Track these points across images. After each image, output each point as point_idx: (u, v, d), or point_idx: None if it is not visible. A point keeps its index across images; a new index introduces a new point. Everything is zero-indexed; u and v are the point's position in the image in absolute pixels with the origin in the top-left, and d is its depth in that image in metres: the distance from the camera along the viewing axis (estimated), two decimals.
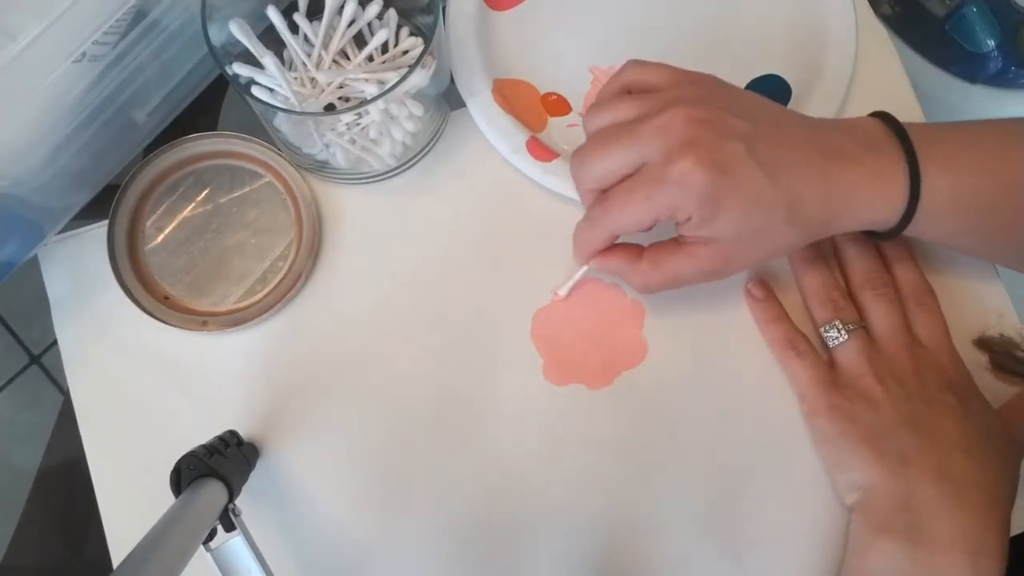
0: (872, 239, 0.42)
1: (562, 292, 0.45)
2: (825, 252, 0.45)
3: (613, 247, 0.41)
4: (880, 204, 0.37)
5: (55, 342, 0.45)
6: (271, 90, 0.41)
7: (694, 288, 0.45)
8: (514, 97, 0.47)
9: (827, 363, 0.43)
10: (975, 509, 0.38)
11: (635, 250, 0.40)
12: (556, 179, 0.45)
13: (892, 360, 0.41)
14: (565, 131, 0.48)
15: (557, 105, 0.48)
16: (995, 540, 0.37)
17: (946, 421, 0.39)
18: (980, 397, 0.41)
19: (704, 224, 0.36)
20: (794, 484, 0.43)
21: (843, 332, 0.42)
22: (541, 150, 0.45)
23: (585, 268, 0.43)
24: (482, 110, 0.46)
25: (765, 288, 0.45)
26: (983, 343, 0.39)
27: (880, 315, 0.42)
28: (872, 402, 0.40)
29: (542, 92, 0.48)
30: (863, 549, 0.39)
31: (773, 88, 0.48)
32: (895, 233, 0.39)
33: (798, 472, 0.43)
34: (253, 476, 0.42)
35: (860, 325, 0.42)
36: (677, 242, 0.39)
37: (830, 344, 0.42)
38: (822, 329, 0.43)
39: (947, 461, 0.38)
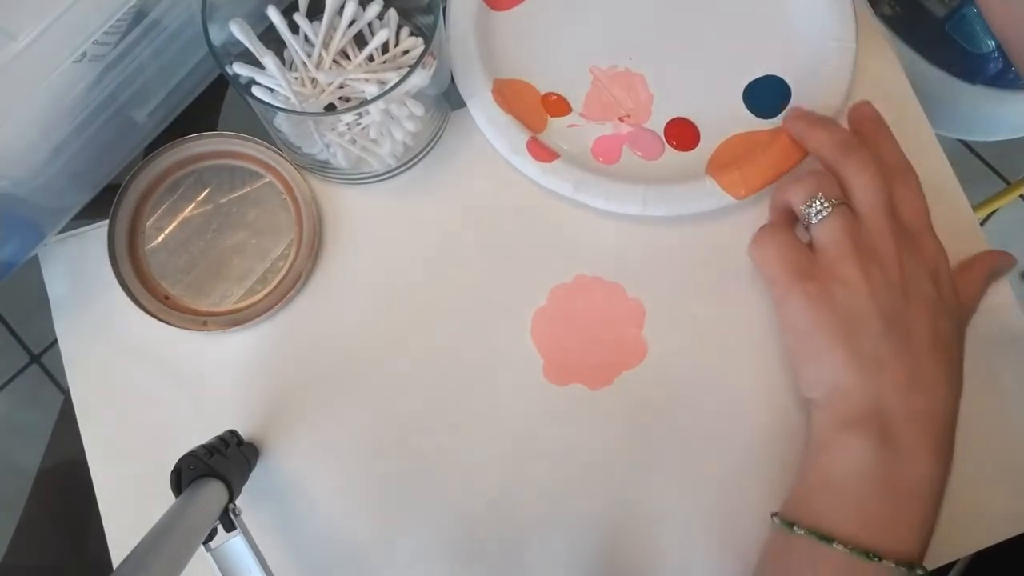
0: None
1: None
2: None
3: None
4: None
5: (55, 342, 0.45)
6: (271, 90, 0.41)
7: (694, 288, 0.45)
8: (514, 97, 0.47)
9: (806, 245, 0.41)
10: (939, 414, 0.38)
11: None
12: (556, 179, 0.45)
13: (877, 243, 0.39)
14: (565, 131, 0.48)
15: (557, 105, 0.48)
16: (950, 440, 0.38)
17: (921, 318, 0.39)
18: (952, 282, 0.41)
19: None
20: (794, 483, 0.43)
21: (826, 205, 0.40)
22: (541, 150, 0.46)
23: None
24: (482, 110, 0.46)
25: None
26: None
27: (864, 190, 0.40)
28: (851, 288, 0.39)
29: (542, 92, 0.48)
30: (828, 444, 0.38)
31: (773, 88, 0.48)
32: None
33: (797, 471, 0.43)
34: (253, 476, 0.42)
35: (844, 201, 0.40)
36: None
37: (812, 220, 0.40)
38: (804, 207, 0.40)
39: (919, 366, 0.38)
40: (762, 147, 0.46)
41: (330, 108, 0.43)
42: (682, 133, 0.47)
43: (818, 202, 0.40)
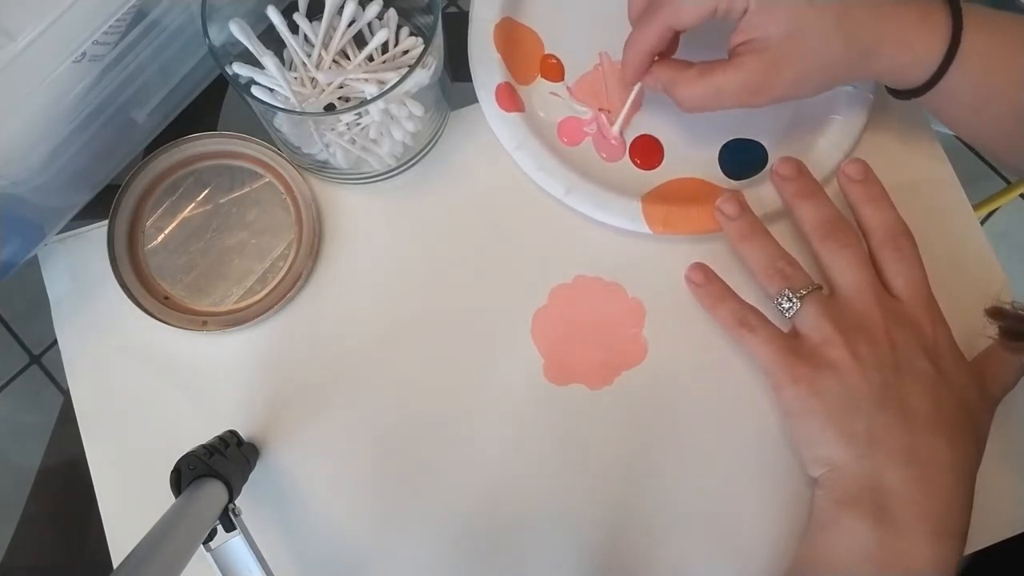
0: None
1: (615, 129, 0.46)
2: (763, 225, 0.43)
3: (662, 60, 0.43)
4: (923, 40, 0.39)
5: (55, 342, 0.45)
6: (271, 90, 0.41)
7: None
8: (516, 41, 0.47)
9: (789, 335, 0.41)
10: (941, 491, 0.37)
11: (684, 63, 0.42)
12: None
13: (862, 318, 0.39)
14: (545, 96, 0.47)
15: (553, 69, 0.48)
16: (958, 519, 0.37)
17: (917, 393, 0.38)
18: (956, 356, 0.40)
19: (761, 14, 0.38)
20: (795, 483, 0.43)
21: (795, 300, 0.40)
22: (509, 98, 0.46)
23: (636, 89, 0.45)
24: (478, 36, 0.46)
25: (704, 272, 0.44)
26: (996, 312, 0.36)
27: (844, 271, 0.40)
28: (838, 371, 0.39)
29: (546, 51, 0.48)
30: (827, 524, 0.38)
31: (752, 153, 0.47)
32: (929, 85, 0.40)
33: (798, 471, 0.43)
34: (253, 476, 0.42)
35: (813, 287, 0.40)
36: (726, 59, 0.41)
37: (787, 316, 0.41)
38: (775, 303, 0.41)
39: (916, 441, 0.37)
40: (706, 199, 0.44)
41: (330, 108, 0.43)
42: (647, 151, 0.47)
43: (786, 300, 0.40)
